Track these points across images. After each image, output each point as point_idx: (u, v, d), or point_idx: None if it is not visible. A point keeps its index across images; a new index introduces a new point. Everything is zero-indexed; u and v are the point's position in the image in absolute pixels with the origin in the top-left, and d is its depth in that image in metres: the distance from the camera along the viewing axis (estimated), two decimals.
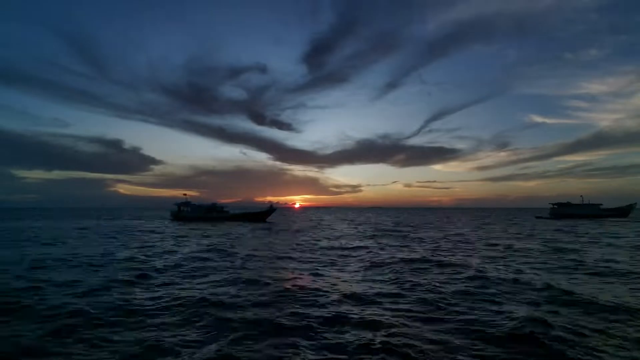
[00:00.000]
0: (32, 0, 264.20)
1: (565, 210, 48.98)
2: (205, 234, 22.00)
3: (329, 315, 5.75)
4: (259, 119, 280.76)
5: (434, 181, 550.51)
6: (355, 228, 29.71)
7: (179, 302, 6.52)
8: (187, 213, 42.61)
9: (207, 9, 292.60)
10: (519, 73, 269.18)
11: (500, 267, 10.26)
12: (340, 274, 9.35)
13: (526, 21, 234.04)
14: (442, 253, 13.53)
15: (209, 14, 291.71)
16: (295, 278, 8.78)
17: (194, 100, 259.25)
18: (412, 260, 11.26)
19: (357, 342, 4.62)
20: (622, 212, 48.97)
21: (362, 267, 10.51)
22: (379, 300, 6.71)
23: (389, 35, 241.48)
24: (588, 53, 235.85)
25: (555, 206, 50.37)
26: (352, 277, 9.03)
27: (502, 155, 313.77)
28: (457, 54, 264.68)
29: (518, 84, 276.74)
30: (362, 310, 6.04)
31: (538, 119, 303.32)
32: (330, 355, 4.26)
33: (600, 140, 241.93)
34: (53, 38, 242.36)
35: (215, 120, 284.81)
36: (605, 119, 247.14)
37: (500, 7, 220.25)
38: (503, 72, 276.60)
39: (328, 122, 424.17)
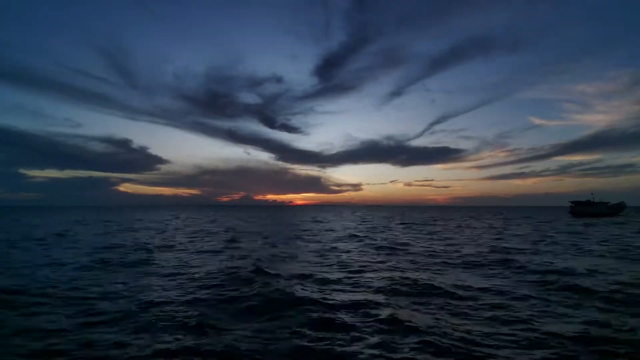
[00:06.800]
0: (71, 16, 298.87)
1: (587, 209, 47.79)
2: None
3: None
4: (270, 122, 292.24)
5: (432, 180, 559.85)
6: None
7: None
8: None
9: (232, 27, 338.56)
10: (519, 79, 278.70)
11: None
12: None
13: (525, 33, 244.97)
14: None
15: (234, 32, 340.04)
16: None
17: (208, 105, 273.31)
18: None
19: None
20: (618, 209, 49.10)
21: None
22: None
23: (395, 51, 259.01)
24: (584, 60, 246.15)
25: (573, 204, 49.42)
26: None
27: (502, 155, 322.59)
28: (459, 66, 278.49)
29: (518, 89, 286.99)
30: None
31: (537, 121, 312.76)
32: None
33: (595, 141, 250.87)
34: (84, 49, 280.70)
35: (226, 123, 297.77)
36: (600, 121, 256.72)
37: (498, 21, 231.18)
38: (503, 78, 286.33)
39: (335, 125, 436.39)
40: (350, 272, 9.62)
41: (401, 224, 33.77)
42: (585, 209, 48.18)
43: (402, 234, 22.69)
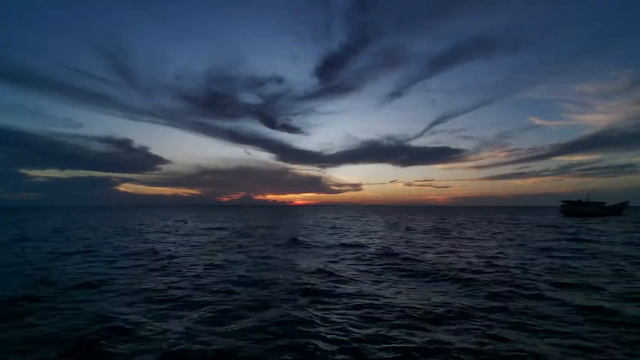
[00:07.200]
0: (71, 16, 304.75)
1: (575, 209, 48.71)
2: None
3: None
4: (271, 122, 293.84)
5: (432, 180, 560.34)
6: None
7: None
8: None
9: (232, 27, 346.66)
10: (519, 79, 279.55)
11: None
12: None
13: (525, 33, 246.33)
14: None
15: (234, 32, 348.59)
16: None
17: (209, 105, 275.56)
18: None
19: None
20: (618, 209, 50.31)
21: None
22: None
23: (395, 52, 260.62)
24: (584, 60, 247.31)
25: (565, 204, 50.39)
26: None
27: (502, 155, 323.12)
28: (459, 66, 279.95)
29: (518, 89, 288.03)
30: None
31: (537, 121, 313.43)
32: None
33: (595, 141, 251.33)
34: (85, 50, 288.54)
35: (227, 123, 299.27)
36: (600, 121, 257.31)
37: (498, 21, 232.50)
38: (503, 78, 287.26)
39: (335, 125, 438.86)
40: None
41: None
42: (576, 208, 48.78)
43: None
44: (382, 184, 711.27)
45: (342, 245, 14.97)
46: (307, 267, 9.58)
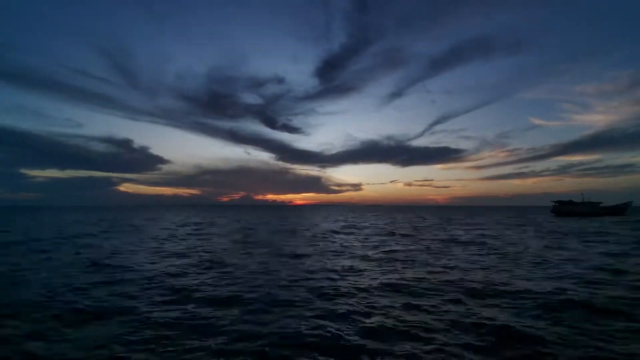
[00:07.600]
0: (72, 17, 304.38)
1: (566, 209, 48.97)
2: None
3: None
4: (271, 123, 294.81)
5: (432, 180, 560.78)
6: None
7: None
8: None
9: (233, 28, 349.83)
10: (519, 79, 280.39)
11: None
12: None
13: (525, 33, 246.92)
14: None
15: (236, 33, 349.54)
16: None
17: (210, 105, 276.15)
18: None
19: None
20: (618, 210, 49.83)
21: None
22: None
23: (395, 53, 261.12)
24: (584, 61, 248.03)
25: (557, 204, 50.60)
26: None
27: (502, 155, 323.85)
28: (459, 67, 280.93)
29: (518, 89, 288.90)
30: None
31: (537, 121, 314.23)
32: None
33: (595, 141, 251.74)
34: (85, 50, 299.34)
35: (227, 123, 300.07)
36: (600, 121, 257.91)
37: (498, 22, 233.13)
38: (503, 79, 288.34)
39: (336, 126, 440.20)
40: None
41: None
42: (568, 208, 49.01)
43: None
44: (382, 184, 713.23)
45: None
46: None
